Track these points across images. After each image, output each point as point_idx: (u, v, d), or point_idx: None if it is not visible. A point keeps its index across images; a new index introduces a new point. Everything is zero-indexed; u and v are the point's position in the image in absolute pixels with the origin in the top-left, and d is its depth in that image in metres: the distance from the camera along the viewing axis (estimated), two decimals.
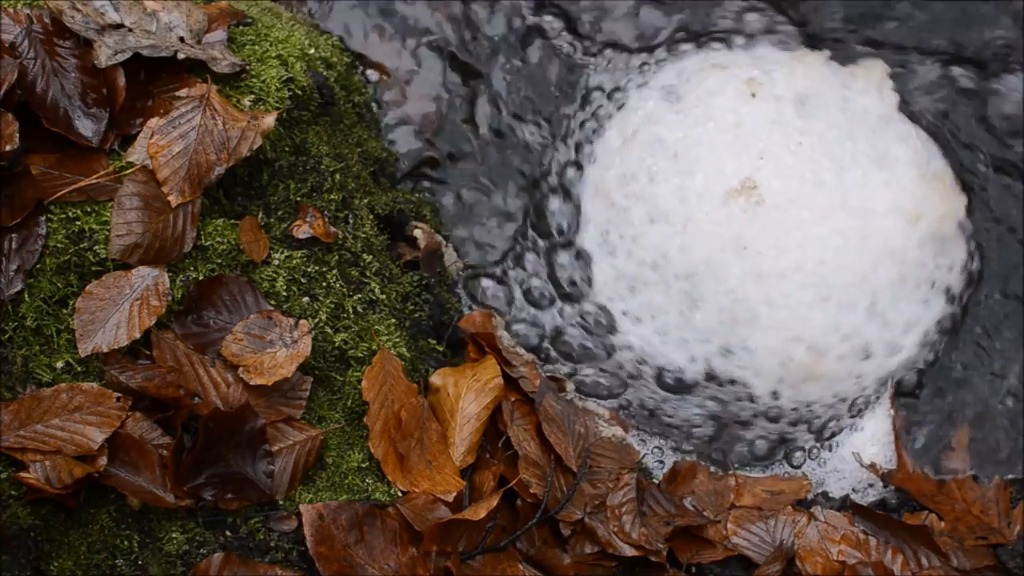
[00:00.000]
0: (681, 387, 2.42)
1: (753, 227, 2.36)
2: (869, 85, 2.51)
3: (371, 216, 2.32)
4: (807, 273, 2.36)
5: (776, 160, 2.39)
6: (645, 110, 2.52)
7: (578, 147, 2.57)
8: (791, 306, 2.36)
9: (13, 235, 1.93)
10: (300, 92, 2.19)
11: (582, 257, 2.49)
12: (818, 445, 2.41)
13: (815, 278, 2.36)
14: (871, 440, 2.40)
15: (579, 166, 2.55)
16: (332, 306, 2.13)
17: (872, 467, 2.37)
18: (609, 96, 2.58)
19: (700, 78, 2.51)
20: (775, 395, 2.40)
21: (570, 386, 2.42)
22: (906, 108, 2.54)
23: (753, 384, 2.39)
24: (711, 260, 2.37)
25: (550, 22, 2.63)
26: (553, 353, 2.46)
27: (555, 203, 2.53)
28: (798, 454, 2.41)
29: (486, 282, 2.51)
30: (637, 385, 2.44)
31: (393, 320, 2.23)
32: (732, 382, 2.40)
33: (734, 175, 2.38)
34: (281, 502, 2.01)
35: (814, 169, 2.39)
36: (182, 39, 2.10)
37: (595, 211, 2.49)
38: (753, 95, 2.44)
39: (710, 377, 2.41)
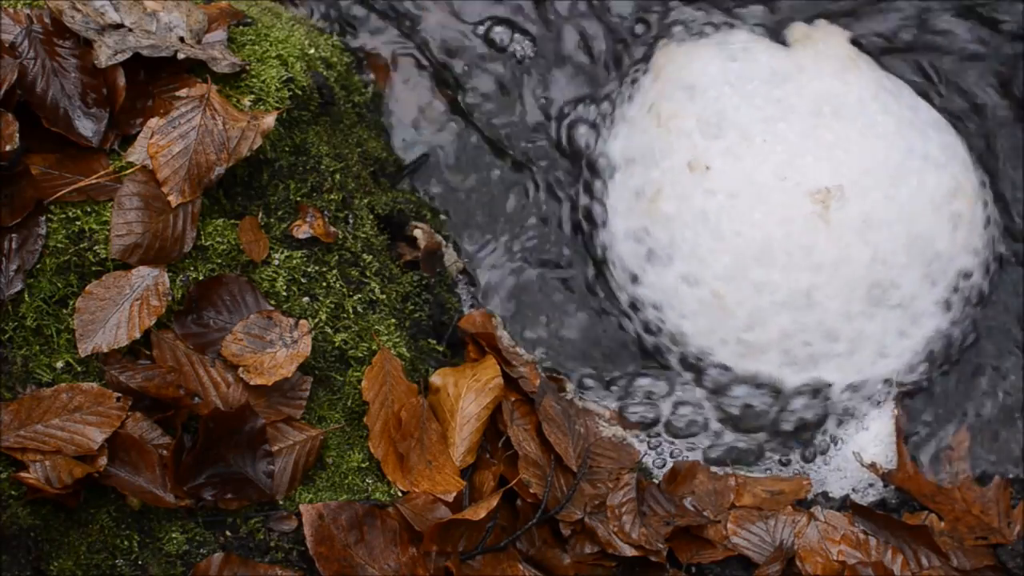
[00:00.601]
0: None
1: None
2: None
3: (371, 216, 2.32)
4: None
5: None
6: None
7: None
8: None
9: (13, 235, 1.93)
10: (300, 92, 2.19)
11: None
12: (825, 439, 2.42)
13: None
14: (874, 440, 2.40)
15: None
16: (332, 306, 2.13)
17: (872, 467, 2.37)
18: None
19: None
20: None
21: (570, 386, 2.42)
22: None
23: None
24: None
25: None
26: None
27: None
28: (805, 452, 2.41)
29: None
30: None
31: (393, 320, 2.23)
32: None
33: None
34: (281, 502, 2.01)
35: None
36: (182, 39, 2.10)
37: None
38: None
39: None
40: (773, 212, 2.36)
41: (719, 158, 2.39)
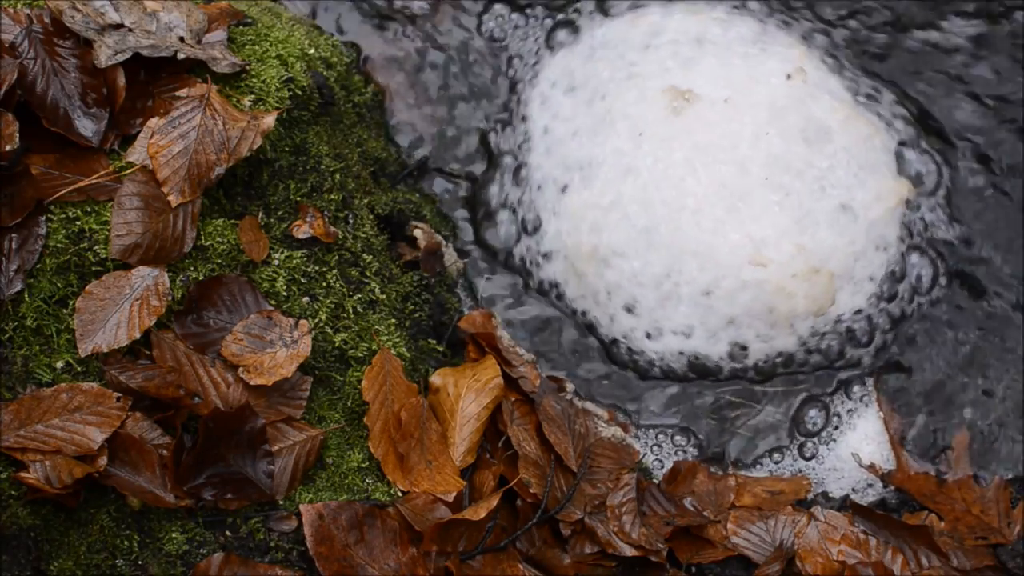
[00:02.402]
0: None
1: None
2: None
3: (371, 216, 2.32)
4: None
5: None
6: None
7: None
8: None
9: (13, 235, 1.93)
10: (300, 92, 2.19)
11: None
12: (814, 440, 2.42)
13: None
14: (864, 438, 2.40)
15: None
16: (332, 306, 2.13)
17: (871, 467, 2.37)
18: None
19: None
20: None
21: (570, 386, 2.42)
22: None
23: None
24: None
25: None
26: None
27: None
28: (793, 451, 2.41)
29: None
30: None
31: (393, 320, 2.23)
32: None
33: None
34: (281, 502, 2.01)
35: None
36: (182, 39, 2.10)
37: None
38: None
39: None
40: None
41: None
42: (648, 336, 2.43)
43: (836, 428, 2.41)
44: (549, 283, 2.49)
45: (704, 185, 2.38)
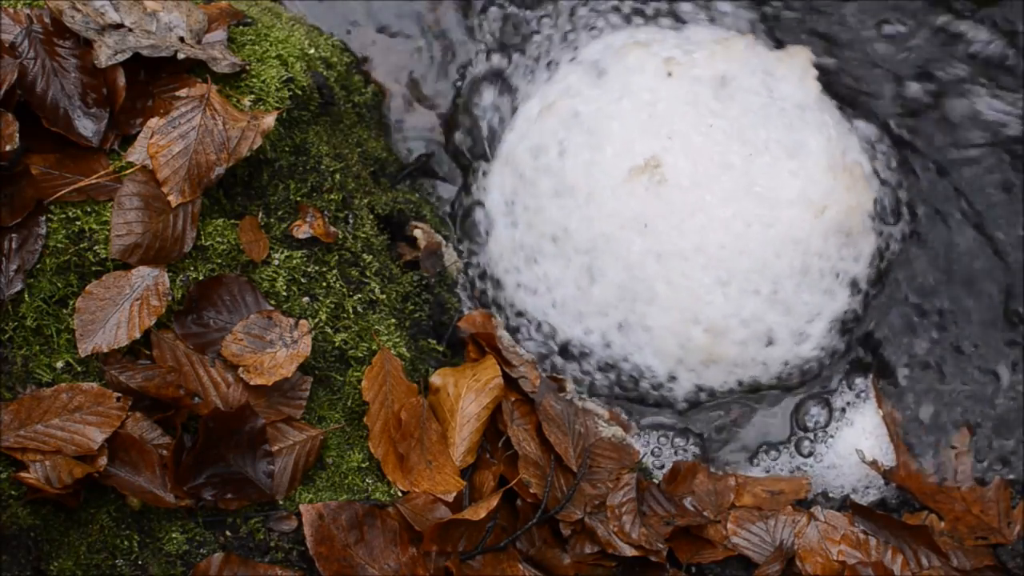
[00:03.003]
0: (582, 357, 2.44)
1: (656, 205, 2.36)
2: (791, 72, 2.51)
3: (371, 216, 2.32)
4: (708, 256, 2.36)
5: (684, 140, 2.39)
6: (566, 82, 2.52)
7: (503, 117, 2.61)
8: (691, 287, 2.36)
9: (13, 235, 1.93)
10: (300, 92, 2.19)
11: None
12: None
13: (716, 261, 2.36)
14: (863, 434, 2.40)
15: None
16: (332, 306, 2.13)
17: (873, 464, 2.37)
18: (547, 65, 2.61)
19: (623, 54, 2.51)
20: (672, 378, 2.41)
21: (570, 386, 2.42)
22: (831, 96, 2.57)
23: (651, 364, 2.40)
24: (612, 236, 2.37)
25: None
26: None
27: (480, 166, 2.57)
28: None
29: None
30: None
31: (393, 320, 2.23)
32: (627, 360, 2.41)
33: (640, 153, 2.39)
34: (281, 502, 2.01)
35: (722, 152, 2.39)
36: (182, 39, 2.10)
37: (503, 180, 2.50)
38: (670, 74, 2.44)
39: (607, 348, 2.42)
40: None
41: None
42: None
43: (836, 423, 2.41)
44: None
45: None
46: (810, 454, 2.41)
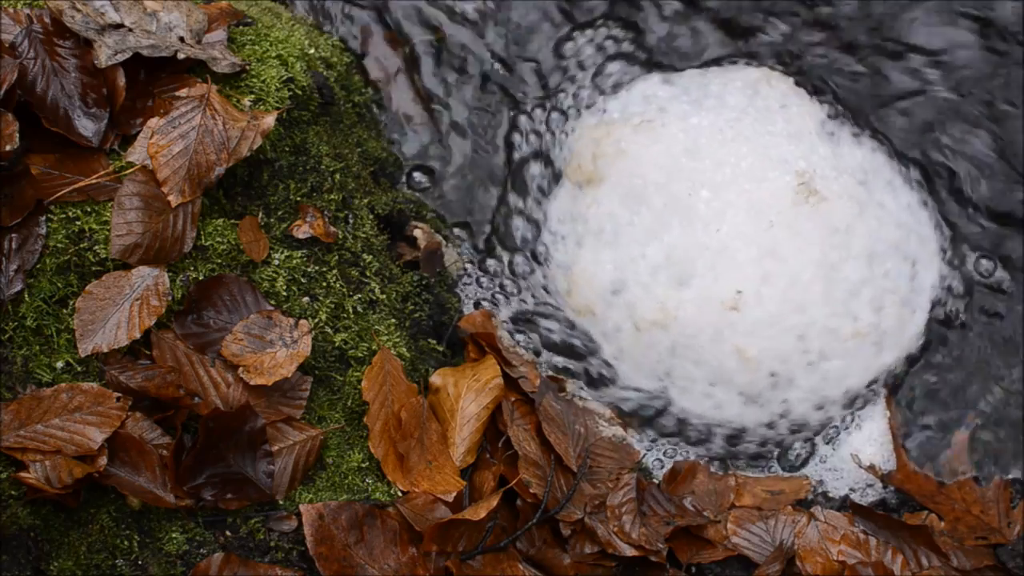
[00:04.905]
0: None
1: None
2: None
3: (371, 216, 2.32)
4: None
5: None
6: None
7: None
8: None
9: (13, 235, 1.93)
10: (300, 92, 2.19)
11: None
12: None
13: None
14: (868, 440, 2.40)
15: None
16: (332, 306, 2.13)
17: (871, 468, 2.37)
18: None
19: None
20: None
21: (570, 386, 2.42)
22: None
23: None
24: None
25: None
26: None
27: None
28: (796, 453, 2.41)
29: None
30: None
31: (393, 320, 2.23)
32: None
33: None
34: (281, 502, 2.01)
35: None
36: (182, 39, 2.10)
37: None
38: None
39: None
40: None
41: None
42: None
43: (844, 429, 2.41)
44: None
45: None
46: (811, 456, 2.41)
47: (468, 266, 2.49)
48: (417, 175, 2.55)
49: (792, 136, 2.47)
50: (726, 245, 2.35)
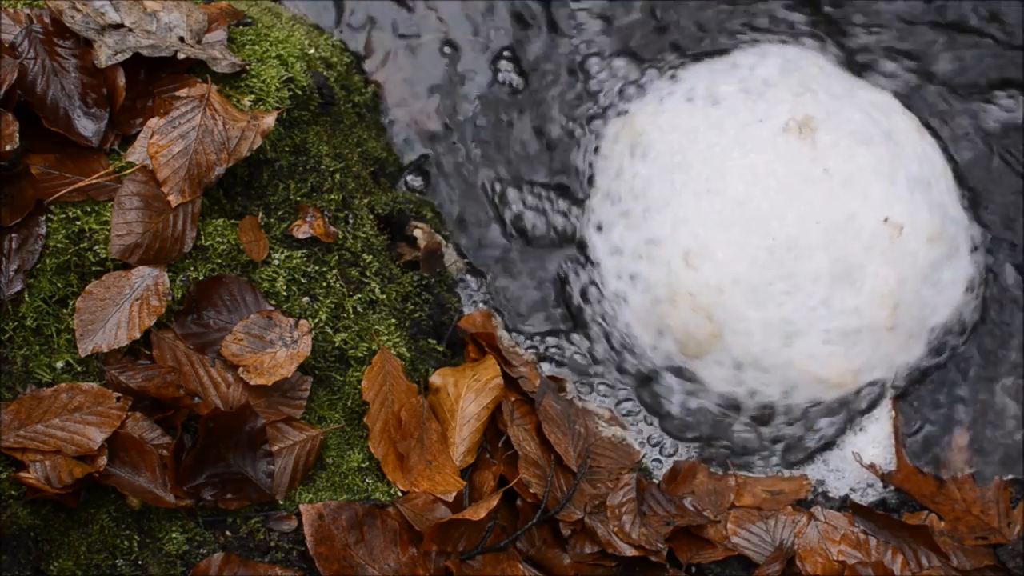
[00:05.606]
0: None
1: None
2: None
3: (371, 216, 2.32)
4: None
5: None
6: None
7: None
8: None
9: (13, 235, 1.93)
10: (300, 92, 2.19)
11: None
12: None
13: None
14: (872, 441, 2.40)
15: None
16: (332, 306, 2.13)
17: (872, 467, 2.37)
18: None
19: None
20: None
21: (570, 386, 2.42)
22: None
23: None
24: None
25: None
26: None
27: None
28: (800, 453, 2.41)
29: None
30: None
31: (393, 320, 2.23)
32: None
33: None
34: (281, 502, 2.01)
35: None
36: (182, 39, 2.10)
37: None
38: None
39: None
40: None
41: None
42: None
43: (849, 431, 2.42)
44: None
45: None
46: (810, 456, 2.41)
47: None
48: None
49: None
50: None
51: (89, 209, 1.98)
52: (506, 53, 2.66)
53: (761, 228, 2.35)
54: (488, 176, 2.59)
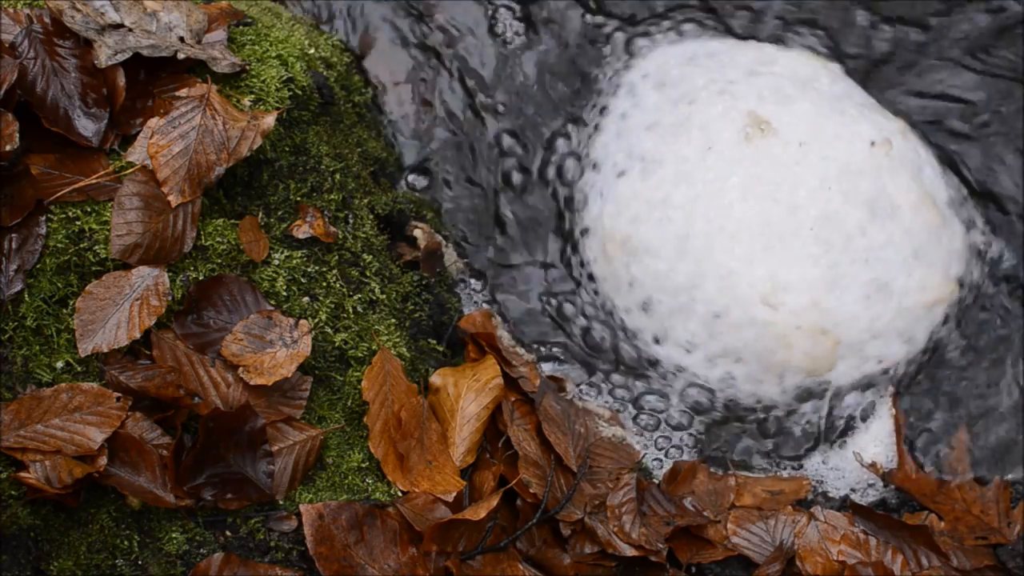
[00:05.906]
0: None
1: None
2: None
3: (371, 216, 2.32)
4: None
5: None
6: None
7: None
8: None
9: (13, 235, 1.93)
10: (300, 92, 2.19)
11: None
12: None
13: None
14: (873, 440, 2.40)
15: None
16: (332, 306, 2.13)
17: (872, 466, 2.37)
18: None
19: None
20: None
21: (570, 386, 2.42)
22: None
23: None
24: None
25: None
26: None
27: None
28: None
29: None
30: None
31: (393, 320, 2.23)
32: None
33: None
34: (281, 502, 2.01)
35: None
36: (182, 39, 2.10)
37: None
38: None
39: None
40: None
41: None
42: (656, 341, 2.43)
43: (851, 430, 2.41)
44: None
45: (750, 214, 2.37)
46: (811, 455, 2.41)
47: None
48: None
49: None
50: None
51: (89, 209, 1.98)
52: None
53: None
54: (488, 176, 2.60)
